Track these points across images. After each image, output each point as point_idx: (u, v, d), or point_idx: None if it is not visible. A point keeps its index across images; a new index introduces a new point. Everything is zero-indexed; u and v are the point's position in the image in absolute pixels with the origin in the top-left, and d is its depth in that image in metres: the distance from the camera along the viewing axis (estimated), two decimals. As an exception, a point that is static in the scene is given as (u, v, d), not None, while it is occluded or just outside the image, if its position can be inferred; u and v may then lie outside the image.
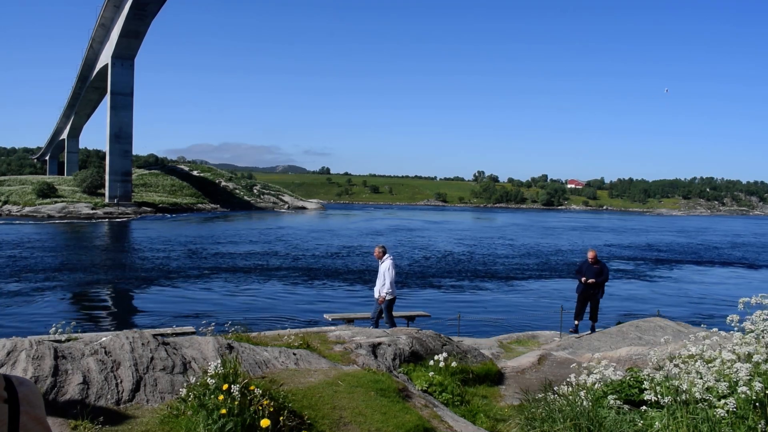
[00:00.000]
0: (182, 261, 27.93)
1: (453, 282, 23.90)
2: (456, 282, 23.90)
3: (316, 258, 30.41)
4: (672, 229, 70.66)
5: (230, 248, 33.74)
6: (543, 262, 31.81)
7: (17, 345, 4.65)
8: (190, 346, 5.46)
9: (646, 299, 21.21)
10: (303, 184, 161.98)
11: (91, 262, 27.11)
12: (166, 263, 27.02)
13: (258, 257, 30.11)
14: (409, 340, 7.33)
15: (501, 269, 28.12)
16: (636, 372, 4.89)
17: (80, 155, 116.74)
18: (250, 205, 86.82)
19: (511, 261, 31.64)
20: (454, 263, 29.82)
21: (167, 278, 22.96)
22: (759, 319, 3.61)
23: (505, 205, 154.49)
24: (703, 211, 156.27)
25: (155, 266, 26.04)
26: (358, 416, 4.43)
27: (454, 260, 31.05)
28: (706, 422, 3.32)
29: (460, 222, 72.78)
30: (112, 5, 62.53)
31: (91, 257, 29.10)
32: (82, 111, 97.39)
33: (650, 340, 9.02)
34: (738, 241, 52.90)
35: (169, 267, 25.88)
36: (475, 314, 16.95)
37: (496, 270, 27.69)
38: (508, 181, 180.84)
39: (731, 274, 30.42)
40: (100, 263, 27.09)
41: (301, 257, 30.57)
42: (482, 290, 22.43)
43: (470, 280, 24.47)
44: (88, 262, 27.01)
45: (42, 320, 14.31)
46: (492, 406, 6.43)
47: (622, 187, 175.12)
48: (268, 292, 20.76)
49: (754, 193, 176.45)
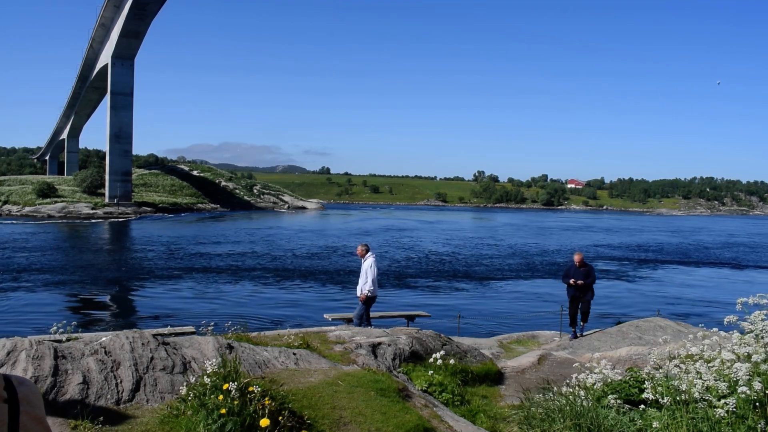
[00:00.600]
0: (182, 261, 27.94)
1: (440, 282, 23.91)
2: (434, 282, 23.90)
3: (315, 257, 30.42)
4: (667, 229, 70.52)
5: (230, 248, 33.74)
6: (528, 262, 31.50)
7: (17, 345, 4.65)
8: (190, 346, 5.46)
9: (619, 300, 20.90)
10: (303, 184, 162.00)
11: (91, 262, 27.11)
12: (165, 263, 27.03)
13: (258, 257, 30.12)
14: (409, 340, 7.33)
15: (480, 270, 27.75)
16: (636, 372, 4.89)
17: (80, 155, 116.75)
18: (250, 205, 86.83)
19: (493, 261, 31.15)
20: (435, 263, 29.50)
21: (167, 278, 22.96)
22: (758, 318, 3.61)
23: (505, 205, 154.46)
24: (703, 211, 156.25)
25: (155, 266, 26.04)
26: (358, 416, 4.43)
27: (435, 260, 30.70)
28: (705, 422, 3.33)
29: (453, 222, 72.30)
30: (112, 5, 62.54)
31: (91, 257, 29.11)
32: (82, 111, 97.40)
33: (650, 340, 9.02)
34: (731, 241, 52.63)
35: (169, 267, 25.88)
36: (475, 314, 16.95)
37: (478, 270, 27.38)
38: (508, 181, 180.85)
39: (714, 274, 30.15)
40: (100, 263, 27.09)
41: (301, 257, 30.57)
42: (465, 290, 22.44)
43: (448, 280, 24.22)
44: (88, 262, 27.02)
45: (42, 320, 14.30)
46: (492, 405, 6.43)
47: (622, 187, 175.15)
48: (267, 291, 20.77)
49: (754, 193, 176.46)
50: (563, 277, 10.63)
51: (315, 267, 27.00)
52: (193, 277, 23.18)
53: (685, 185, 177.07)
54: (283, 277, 24.02)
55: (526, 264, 30.69)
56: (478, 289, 22.55)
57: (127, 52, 65.28)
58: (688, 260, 35.72)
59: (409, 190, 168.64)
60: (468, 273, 26.60)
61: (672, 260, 35.24)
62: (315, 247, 35.49)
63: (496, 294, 21.83)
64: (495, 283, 24.31)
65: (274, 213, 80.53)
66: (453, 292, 21.83)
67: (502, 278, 25.53)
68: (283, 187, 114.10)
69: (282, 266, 27.03)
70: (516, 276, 26.52)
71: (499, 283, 24.20)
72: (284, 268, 26.54)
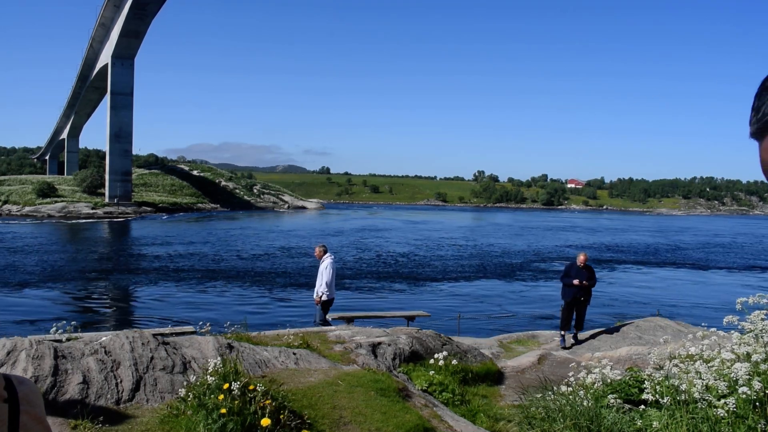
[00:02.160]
0: (181, 261, 27.94)
1: (383, 283, 23.88)
2: (375, 283, 23.87)
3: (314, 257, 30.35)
4: (652, 228, 69.66)
5: (229, 248, 33.75)
6: (481, 264, 30.32)
7: (17, 345, 4.65)
8: (190, 346, 5.46)
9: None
10: (303, 183, 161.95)
11: (91, 262, 27.11)
12: (165, 263, 27.03)
13: (257, 257, 30.12)
14: (409, 340, 7.34)
15: (425, 271, 26.89)
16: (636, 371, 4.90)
17: (80, 155, 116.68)
18: (250, 204, 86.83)
19: (442, 263, 29.98)
20: (381, 264, 28.69)
21: (167, 278, 22.96)
22: (757, 318, 3.61)
23: (505, 204, 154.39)
24: (704, 211, 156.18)
25: (155, 266, 26.04)
26: (358, 416, 4.44)
27: (380, 262, 29.66)
28: (705, 422, 3.33)
29: (437, 222, 70.18)
30: (112, 5, 62.52)
31: (90, 257, 29.10)
32: (82, 111, 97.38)
33: (650, 340, 9.02)
34: (710, 242, 51.13)
35: (169, 267, 25.88)
36: (474, 314, 16.95)
37: (419, 272, 26.44)
38: (508, 181, 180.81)
39: (669, 275, 29.16)
40: (100, 263, 27.09)
41: (300, 257, 30.57)
42: (465, 289, 22.43)
43: (396, 282, 23.55)
44: (87, 262, 27.02)
45: (42, 320, 14.31)
46: (492, 405, 6.43)
47: (622, 187, 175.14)
48: (267, 291, 20.77)
49: (754, 193, 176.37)
50: (563, 276, 9.72)
51: (314, 267, 26.96)
52: (193, 277, 23.18)
53: (685, 185, 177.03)
54: (283, 276, 24.02)
55: (468, 266, 29.27)
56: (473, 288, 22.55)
57: (127, 51, 65.27)
58: (650, 261, 34.68)
59: (409, 190, 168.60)
60: (398, 273, 25.87)
61: (632, 260, 34.35)
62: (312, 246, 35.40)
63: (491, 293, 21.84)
64: (434, 283, 23.61)
65: (274, 213, 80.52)
66: (453, 291, 21.84)
67: (438, 279, 24.79)
68: (283, 186, 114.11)
69: (282, 266, 27.03)
70: (450, 277, 26.27)
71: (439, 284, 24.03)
72: (284, 268, 26.54)
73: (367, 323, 10.48)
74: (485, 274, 26.99)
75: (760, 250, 44.80)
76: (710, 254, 40.28)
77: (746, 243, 51.69)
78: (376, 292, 21.24)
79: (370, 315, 12.12)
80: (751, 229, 75.66)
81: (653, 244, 46.70)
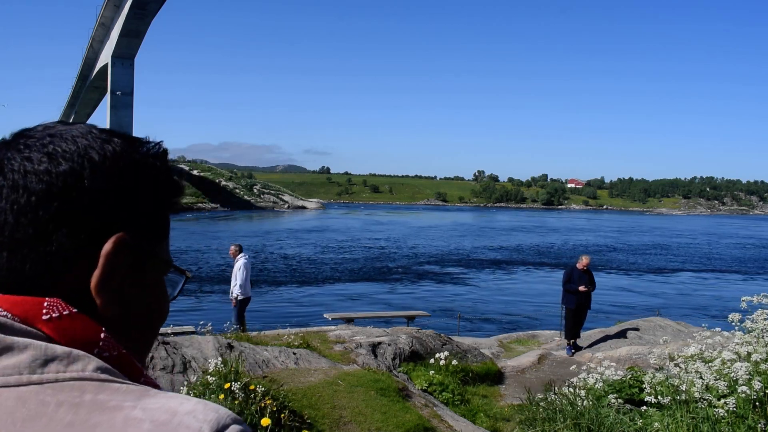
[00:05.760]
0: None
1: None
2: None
3: (314, 257, 30.43)
4: (653, 229, 69.07)
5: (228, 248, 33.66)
6: (481, 264, 29.51)
7: (17, 344, 4.65)
8: (190, 346, 5.46)
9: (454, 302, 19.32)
10: (303, 183, 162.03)
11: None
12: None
13: (257, 257, 30.12)
14: (409, 340, 7.34)
15: (425, 271, 26.47)
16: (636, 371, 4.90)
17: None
18: (250, 204, 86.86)
19: (445, 263, 29.55)
20: (381, 264, 28.24)
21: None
22: (759, 318, 3.61)
23: (505, 204, 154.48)
24: (704, 211, 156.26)
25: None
26: (358, 415, 4.44)
27: (380, 262, 29.04)
28: (706, 421, 3.33)
29: (404, 222, 67.66)
30: (112, 4, 62.54)
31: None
32: (82, 110, 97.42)
33: (650, 340, 9.02)
34: (668, 243, 48.69)
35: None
36: (474, 314, 16.96)
37: (419, 272, 26.27)
38: (508, 181, 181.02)
39: (670, 275, 28.57)
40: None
41: (300, 256, 30.59)
42: (465, 290, 22.43)
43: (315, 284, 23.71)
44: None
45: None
46: (492, 405, 6.44)
47: (622, 187, 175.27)
48: (267, 291, 20.77)
49: (754, 193, 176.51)
50: (565, 282, 9.11)
51: (314, 266, 27.02)
52: (193, 276, 23.13)
53: (685, 185, 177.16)
54: (283, 276, 24.03)
55: (468, 266, 28.54)
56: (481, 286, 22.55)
57: (128, 51, 65.30)
58: (650, 261, 33.73)
59: (410, 190, 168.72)
60: (397, 272, 25.72)
61: (632, 261, 33.53)
62: (310, 246, 35.50)
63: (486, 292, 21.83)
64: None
65: (274, 213, 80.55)
66: (453, 291, 21.84)
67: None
68: (283, 186, 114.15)
69: (281, 265, 27.04)
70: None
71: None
72: (284, 267, 26.55)
73: (367, 323, 10.48)
74: (485, 273, 27.01)
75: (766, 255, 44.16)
76: (654, 256, 39.02)
77: (747, 244, 51.77)
78: (376, 292, 21.26)
79: (370, 315, 12.13)
80: (734, 230, 72.19)
81: (653, 244, 46.75)
